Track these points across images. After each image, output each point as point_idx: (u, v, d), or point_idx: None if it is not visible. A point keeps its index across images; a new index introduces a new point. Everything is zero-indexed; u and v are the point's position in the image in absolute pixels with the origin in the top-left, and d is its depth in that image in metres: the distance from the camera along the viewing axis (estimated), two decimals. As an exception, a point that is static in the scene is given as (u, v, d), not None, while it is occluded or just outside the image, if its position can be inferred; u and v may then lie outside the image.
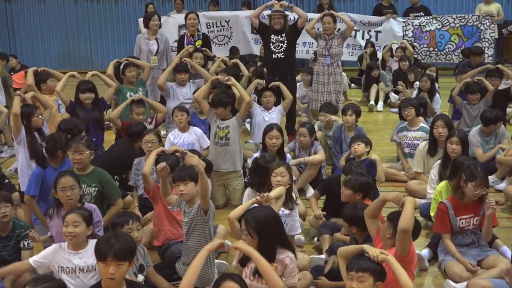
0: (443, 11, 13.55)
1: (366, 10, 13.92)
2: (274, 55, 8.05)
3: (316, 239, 5.29)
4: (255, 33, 11.27)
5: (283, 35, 8.01)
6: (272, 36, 8.04)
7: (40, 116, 5.89)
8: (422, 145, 6.55)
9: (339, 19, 8.69)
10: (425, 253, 4.93)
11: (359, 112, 7.01)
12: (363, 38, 12.47)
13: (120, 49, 14.85)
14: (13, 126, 5.69)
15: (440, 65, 12.53)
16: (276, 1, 8.24)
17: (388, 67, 11.54)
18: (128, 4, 15.12)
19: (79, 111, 6.84)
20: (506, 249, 4.86)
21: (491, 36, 12.38)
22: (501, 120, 6.99)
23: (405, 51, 11.23)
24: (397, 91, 10.52)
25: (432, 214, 5.16)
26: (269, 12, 8.51)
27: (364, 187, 4.75)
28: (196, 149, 6.29)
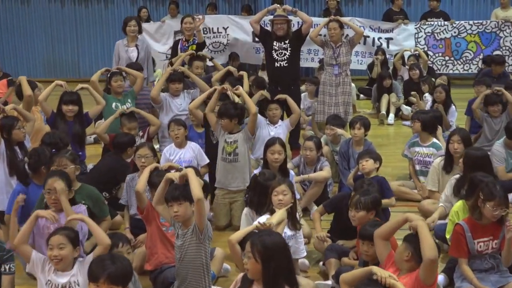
0: (459, 17, 13.53)
1: (376, 15, 13.99)
2: (277, 63, 8.05)
3: (321, 263, 5.26)
4: (256, 41, 11.29)
5: (286, 42, 8.02)
6: (275, 43, 8.04)
7: (21, 129, 5.88)
8: (437, 161, 6.55)
9: (346, 25, 8.72)
10: (440, 279, 4.89)
11: (368, 125, 7.01)
12: (373, 45, 12.51)
13: (109, 57, 14.66)
14: (-9, 140, 5.66)
15: (456, 75, 12.54)
16: (279, 5, 8.27)
17: (400, 77, 11.43)
18: (119, 7, 15.09)
19: (59, 123, 6.82)
20: (528, 275, 4.85)
21: (511, 43, 12.40)
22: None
23: (418, 59, 11.21)
24: (409, 102, 10.46)
25: (447, 236, 5.15)
26: (271, 17, 8.52)
27: (376, 203, 4.76)
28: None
